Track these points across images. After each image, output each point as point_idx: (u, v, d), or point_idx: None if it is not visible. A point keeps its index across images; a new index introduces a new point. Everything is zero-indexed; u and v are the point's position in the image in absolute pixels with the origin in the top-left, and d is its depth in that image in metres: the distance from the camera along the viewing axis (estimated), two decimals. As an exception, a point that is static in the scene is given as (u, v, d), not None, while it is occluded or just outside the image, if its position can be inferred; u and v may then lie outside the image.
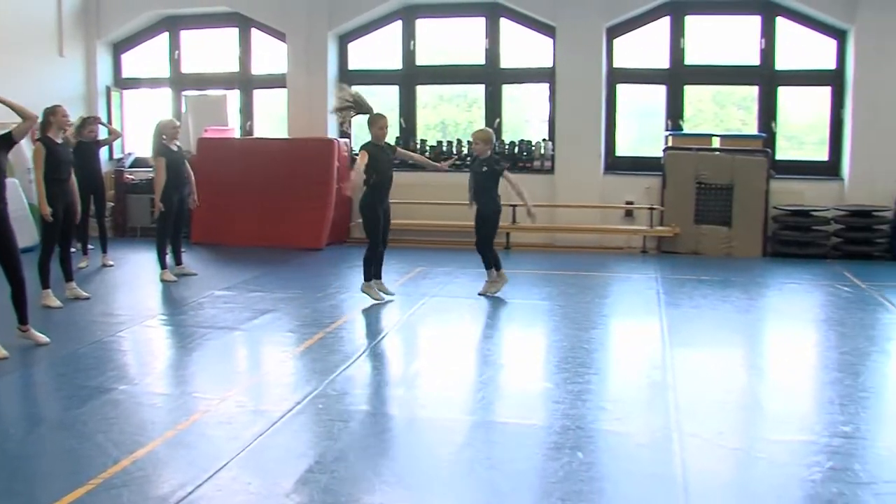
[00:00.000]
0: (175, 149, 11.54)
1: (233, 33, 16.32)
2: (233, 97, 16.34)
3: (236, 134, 16.12)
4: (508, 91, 15.48)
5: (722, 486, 5.25)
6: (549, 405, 6.68)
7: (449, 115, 16.55)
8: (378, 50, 15.81)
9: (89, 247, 12.55)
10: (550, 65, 14.76)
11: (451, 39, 16.20)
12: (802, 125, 15.59)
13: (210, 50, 16.69)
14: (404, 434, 6.19)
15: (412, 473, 5.38)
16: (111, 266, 12.46)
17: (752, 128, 14.71)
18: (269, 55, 16.17)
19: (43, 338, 8.07)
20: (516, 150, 15.00)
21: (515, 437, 6.00)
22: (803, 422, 6.40)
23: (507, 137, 15.18)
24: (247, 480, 5.12)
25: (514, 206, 13.93)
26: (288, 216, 14.27)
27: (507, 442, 5.95)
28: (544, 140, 14.99)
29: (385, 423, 6.31)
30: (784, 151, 14.84)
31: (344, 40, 15.75)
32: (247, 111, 16.41)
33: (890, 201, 13.60)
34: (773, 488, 5.17)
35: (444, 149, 15.19)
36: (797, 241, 13.63)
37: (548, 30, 14.76)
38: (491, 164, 10.44)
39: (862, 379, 7.36)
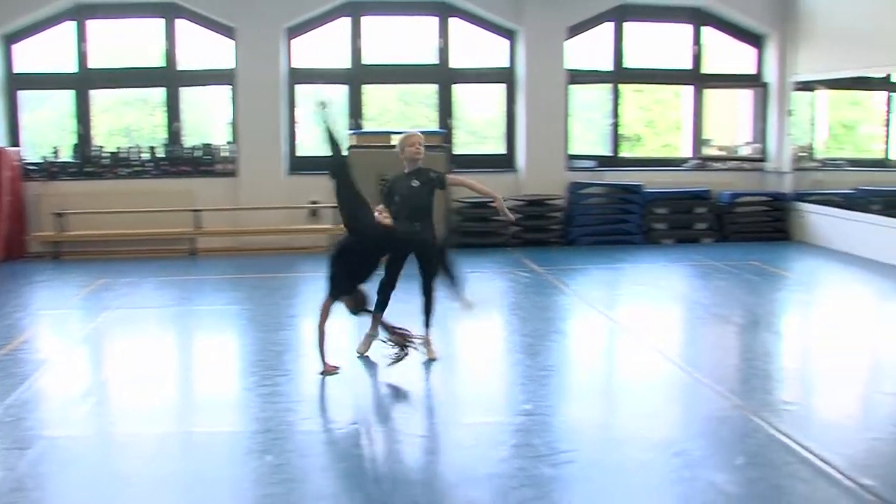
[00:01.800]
0: None
1: None
2: None
3: None
4: (189, 94, 15.05)
5: (410, 472, 5.33)
6: (239, 410, 6.55)
7: (132, 119, 15.91)
8: (47, 54, 14.89)
9: None
10: (231, 66, 14.48)
11: (127, 42, 15.52)
12: (482, 120, 16.14)
13: None
14: (90, 454, 5.82)
15: (100, 494, 5.09)
16: None
17: (435, 125, 15.07)
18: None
19: None
20: (199, 153, 14.62)
21: (206, 446, 5.84)
22: (488, 404, 6.61)
23: (188, 141, 14.77)
24: None
25: (198, 210, 13.65)
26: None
27: (199, 451, 5.78)
28: (227, 143, 14.71)
29: (68, 445, 5.91)
30: (466, 146, 15.34)
31: (9, 40, 14.68)
32: None
33: (561, 190, 14.39)
34: (459, 470, 5.32)
35: (124, 155, 14.53)
36: (478, 232, 14.11)
37: (227, 31, 14.47)
38: (425, 175, 7.84)
39: (540, 359, 7.70)
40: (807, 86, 15.08)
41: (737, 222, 14.85)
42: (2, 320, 9.57)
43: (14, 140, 14.41)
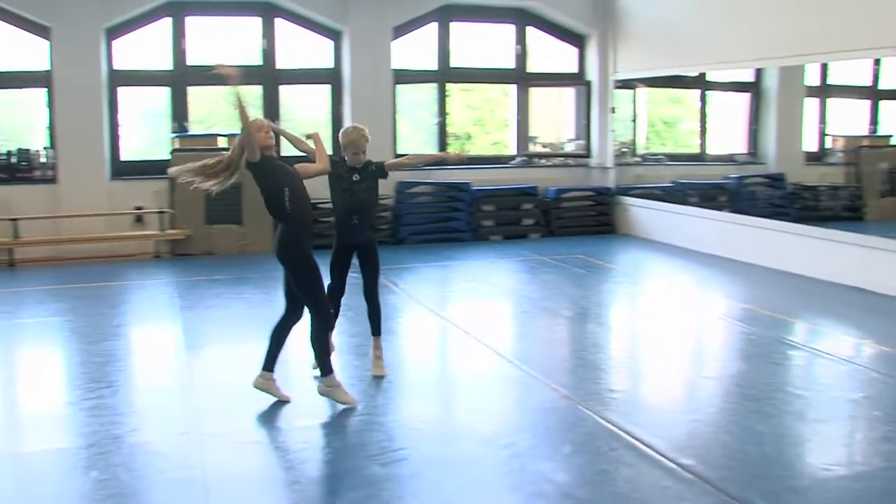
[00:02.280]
0: None
1: None
2: None
3: None
4: (2, 97, 14.41)
5: (242, 479, 5.28)
6: (63, 426, 6.32)
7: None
8: None
9: None
10: (47, 68, 13.96)
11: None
12: (310, 121, 16.04)
13: None
14: None
15: None
16: None
17: (258, 126, 14.88)
18: None
19: None
20: (14, 159, 14.03)
21: (31, 465, 5.65)
22: (319, 407, 6.55)
23: (3, 146, 14.15)
24: None
25: (15, 219, 13.12)
26: None
27: (20, 471, 5.57)
28: (45, 148, 14.18)
29: None
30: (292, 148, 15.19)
31: None
32: None
33: (389, 190, 14.42)
34: (288, 474, 5.37)
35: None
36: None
37: (42, 30, 13.93)
38: (367, 168, 7.52)
39: (368, 359, 7.60)
40: (627, 84, 15.60)
41: (563, 217, 15.24)
42: None
43: None
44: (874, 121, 16.34)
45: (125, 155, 14.48)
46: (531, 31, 16.00)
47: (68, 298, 10.83)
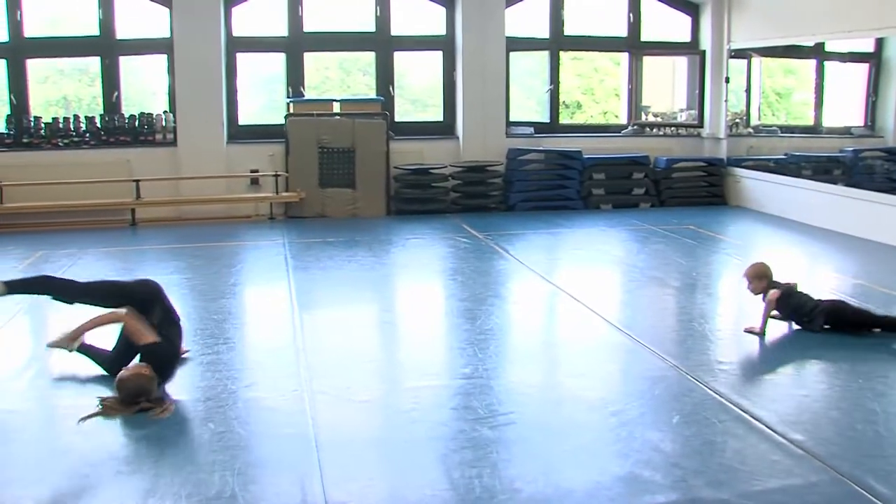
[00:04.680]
0: None
1: None
2: None
3: None
4: (127, 63, 14.84)
5: (352, 437, 5.38)
6: (181, 379, 6.53)
7: (70, 90, 15.67)
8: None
9: None
10: (167, 35, 14.32)
11: (61, 8, 15.23)
12: (422, 88, 16.16)
13: None
14: (28, 427, 5.77)
15: (37, 467, 5.07)
16: None
17: (375, 93, 15.05)
18: None
19: None
20: (137, 123, 14.47)
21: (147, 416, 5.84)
22: (428, 368, 6.68)
23: (127, 111, 14.60)
24: None
25: (137, 180, 13.56)
26: None
27: (141, 421, 5.76)
28: (165, 112, 14.58)
29: (5, 418, 5.84)
30: (407, 114, 15.39)
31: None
32: None
33: (500, 156, 14.50)
34: (400, 434, 5.39)
35: (62, 125, 14.36)
36: (419, 198, 14.17)
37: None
38: None
39: (479, 323, 7.79)
40: (742, 53, 15.30)
41: (673, 187, 15.07)
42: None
43: (-52, 112, 14.19)
44: None
45: (242, 119, 14.78)
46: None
47: (186, 257, 11.18)
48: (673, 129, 15.88)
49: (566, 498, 4.54)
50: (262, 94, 15.71)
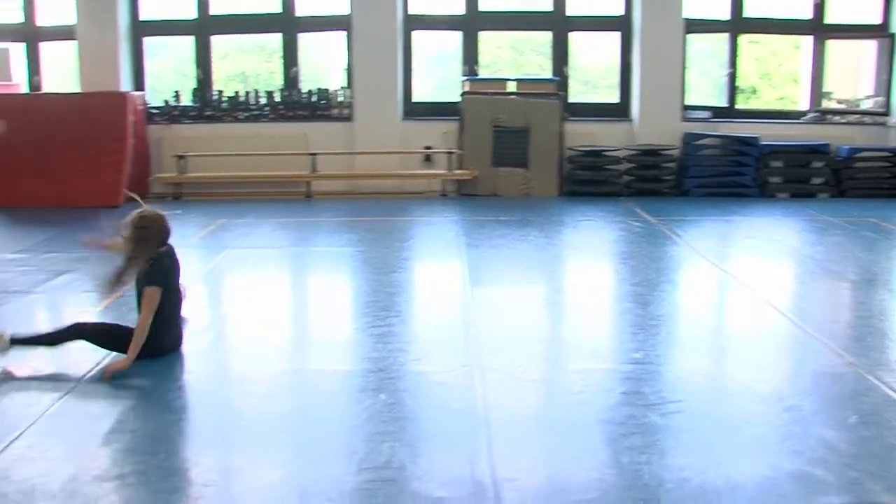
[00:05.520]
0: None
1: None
2: (17, 50, 15.51)
3: (23, 90, 15.34)
4: (305, 40, 15.26)
5: (521, 416, 5.41)
6: (352, 350, 6.72)
7: (248, 65, 16.21)
8: (170, 1, 15.27)
9: None
10: (347, 12, 14.62)
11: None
12: (596, 69, 16.04)
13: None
14: (208, 389, 6.08)
15: (216, 427, 5.31)
16: None
17: (548, 73, 15.03)
18: (57, 5, 15.31)
19: None
20: (315, 98, 14.86)
21: (320, 384, 6.02)
22: (598, 351, 6.67)
23: (305, 86, 15.02)
24: (44, 448, 4.94)
25: (314, 154, 13.92)
26: (82, 174, 13.64)
27: (312, 389, 5.96)
28: (342, 88, 14.91)
29: (187, 379, 6.18)
30: (579, 94, 15.30)
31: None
32: (33, 65, 15.59)
33: (675, 140, 14.27)
34: (569, 415, 5.38)
35: (242, 99, 14.89)
36: (591, 181, 14.10)
37: (342, -23, 14.64)
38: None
39: (651, 308, 7.73)
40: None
41: (855, 178, 14.47)
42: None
43: (138, 85, 14.87)
44: None
45: (417, 96, 14.97)
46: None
47: (359, 230, 11.43)
48: (857, 116, 15.29)
49: (736, 491, 4.45)
50: (437, 71, 15.89)
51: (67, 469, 4.65)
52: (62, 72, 15.56)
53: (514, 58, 16.12)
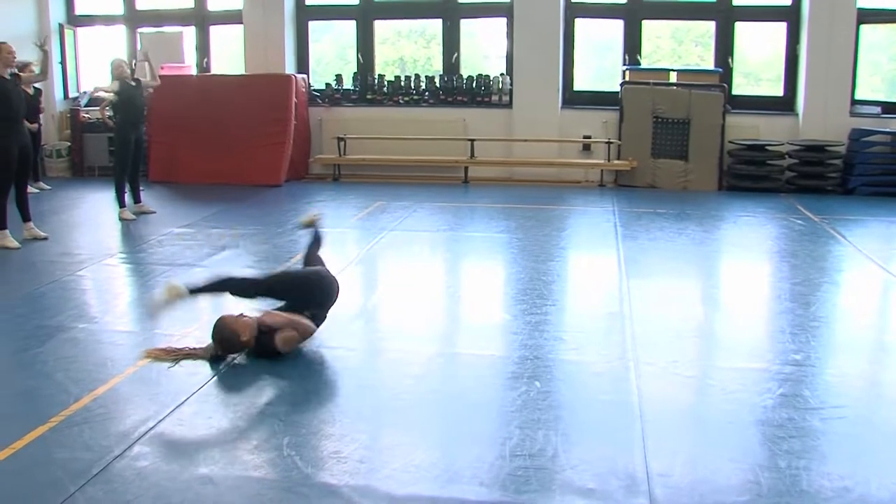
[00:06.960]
0: (132, 84, 11.42)
1: (187, -31, 16.08)
2: (189, 34, 16.12)
3: (193, 71, 15.93)
4: (466, 26, 15.38)
5: (676, 411, 5.38)
6: (508, 336, 6.78)
7: (407, 51, 16.44)
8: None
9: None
10: (507, 0, 14.67)
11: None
12: (759, 61, 15.67)
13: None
14: (364, 367, 6.25)
15: (371, 405, 5.45)
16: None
17: (709, 64, 14.77)
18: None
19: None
20: (474, 84, 14.97)
21: (474, 368, 6.10)
22: (755, 350, 6.54)
23: (465, 72, 15.14)
24: (208, 414, 5.18)
25: (472, 140, 14.03)
26: (246, 153, 14.17)
27: (466, 373, 6.05)
28: (502, 75, 14.97)
29: (344, 356, 6.35)
30: (741, 87, 14.97)
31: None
32: (203, 48, 16.18)
33: (842, 136, 13.79)
34: (725, 414, 5.31)
35: (402, 84, 15.15)
36: (752, 175, 13.80)
37: (505, -35, 14.68)
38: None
39: (813, 309, 7.52)
40: None
41: None
42: (286, 235, 10.30)
43: (302, 68, 15.26)
44: None
45: (577, 85, 14.91)
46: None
47: (517, 217, 11.48)
48: None
49: (900, 504, 4.33)
50: (598, 60, 15.79)
51: (228, 436, 4.89)
52: (229, 54, 16.10)
53: (674, 48, 15.88)
